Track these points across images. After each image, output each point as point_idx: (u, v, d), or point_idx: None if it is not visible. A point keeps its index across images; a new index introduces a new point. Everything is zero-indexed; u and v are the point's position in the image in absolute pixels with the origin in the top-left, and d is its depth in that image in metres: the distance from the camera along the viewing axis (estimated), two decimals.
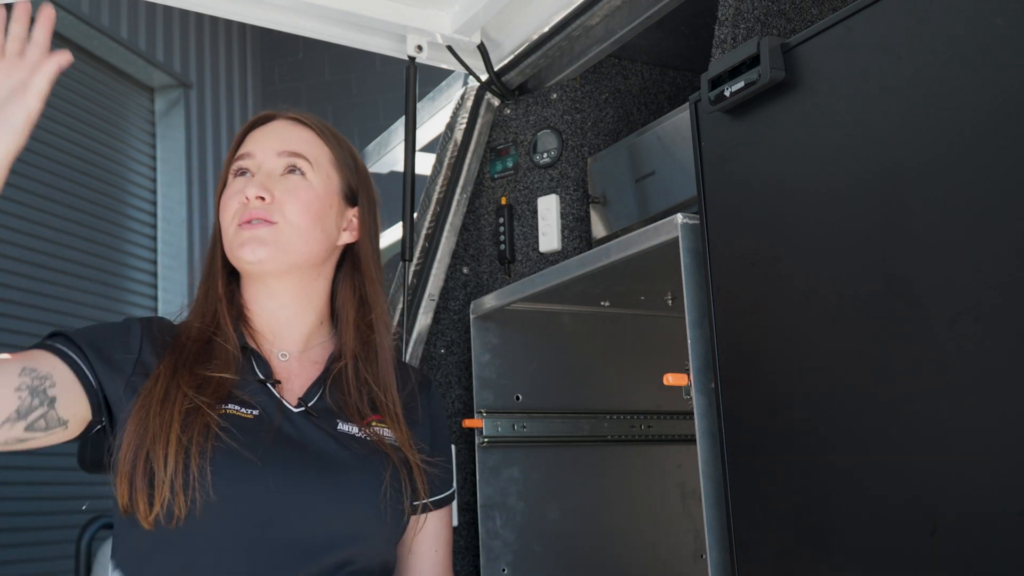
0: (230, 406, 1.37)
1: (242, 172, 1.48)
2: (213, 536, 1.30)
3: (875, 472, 1.11)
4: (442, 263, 2.16)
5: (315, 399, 1.45)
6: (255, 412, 1.38)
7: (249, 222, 1.42)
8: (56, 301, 5.33)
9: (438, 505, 1.55)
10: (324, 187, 1.48)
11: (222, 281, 1.48)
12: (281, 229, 1.43)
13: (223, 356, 1.41)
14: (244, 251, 1.42)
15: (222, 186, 1.50)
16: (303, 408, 1.43)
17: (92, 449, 1.78)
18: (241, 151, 1.49)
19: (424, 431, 1.53)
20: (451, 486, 1.59)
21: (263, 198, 1.42)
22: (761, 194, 1.30)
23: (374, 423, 1.45)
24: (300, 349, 1.49)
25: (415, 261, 2.14)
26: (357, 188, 1.54)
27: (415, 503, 1.46)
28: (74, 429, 1.34)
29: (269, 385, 1.42)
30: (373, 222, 1.56)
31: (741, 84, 1.29)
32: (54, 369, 1.32)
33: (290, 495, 1.33)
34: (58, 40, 5.59)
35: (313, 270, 1.49)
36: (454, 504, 1.60)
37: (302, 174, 1.47)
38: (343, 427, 1.43)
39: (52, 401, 1.30)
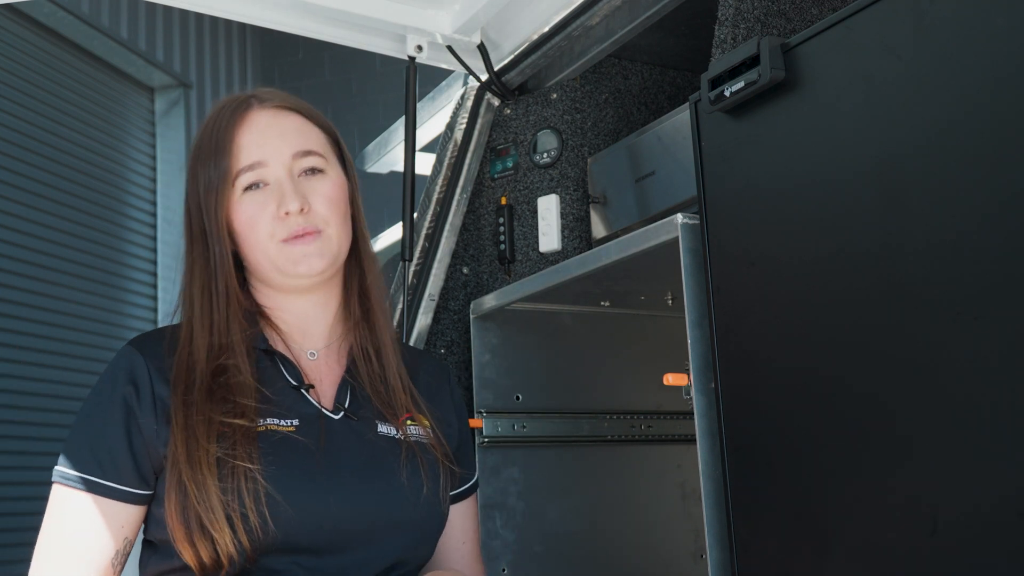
0: (269, 421, 1.32)
1: (255, 185, 1.39)
2: (274, 565, 1.28)
3: (875, 472, 1.11)
4: (442, 263, 2.16)
5: (349, 399, 1.42)
6: (295, 422, 1.34)
7: (296, 237, 1.37)
8: (56, 301, 5.33)
9: (467, 495, 1.55)
10: (338, 175, 1.44)
11: (237, 297, 1.40)
12: (328, 236, 1.39)
13: (240, 391, 1.34)
14: (301, 268, 1.37)
15: (216, 193, 1.39)
16: (343, 413, 1.40)
17: None
18: (247, 161, 1.38)
19: (453, 428, 1.52)
20: (475, 474, 1.58)
21: (304, 210, 1.37)
22: (761, 194, 1.30)
23: (408, 422, 1.43)
24: (326, 344, 1.46)
25: (415, 261, 2.14)
26: (346, 160, 1.49)
27: (450, 494, 1.46)
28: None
29: (304, 391, 1.39)
30: (357, 193, 1.50)
31: (741, 84, 1.29)
32: (125, 528, 1.33)
33: (349, 513, 1.31)
34: (58, 40, 5.59)
35: None
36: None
37: (321, 172, 1.41)
38: (383, 429, 1.40)
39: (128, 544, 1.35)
